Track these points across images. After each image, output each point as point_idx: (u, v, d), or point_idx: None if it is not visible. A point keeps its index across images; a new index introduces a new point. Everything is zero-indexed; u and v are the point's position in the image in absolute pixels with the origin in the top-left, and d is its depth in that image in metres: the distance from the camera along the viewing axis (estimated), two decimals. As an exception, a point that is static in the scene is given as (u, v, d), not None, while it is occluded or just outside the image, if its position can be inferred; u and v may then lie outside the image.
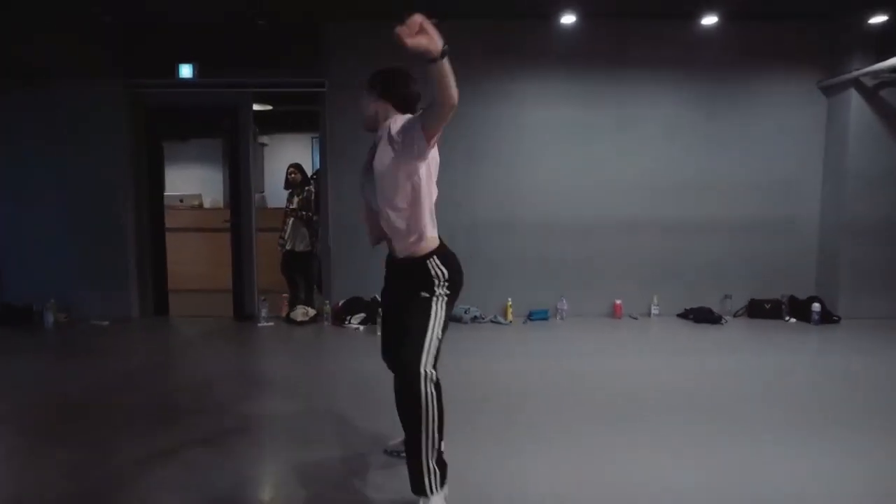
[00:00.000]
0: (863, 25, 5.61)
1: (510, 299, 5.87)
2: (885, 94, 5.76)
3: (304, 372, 4.39)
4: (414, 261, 2.31)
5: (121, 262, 5.94)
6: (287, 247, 6.36)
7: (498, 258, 5.97)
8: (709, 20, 5.64)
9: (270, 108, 8.03)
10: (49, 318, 5.63)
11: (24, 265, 5.89)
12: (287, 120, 9.21)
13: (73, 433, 3.16)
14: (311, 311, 5.88)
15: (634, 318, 6.02)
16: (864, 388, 3.97)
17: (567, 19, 5.63)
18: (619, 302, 6.04)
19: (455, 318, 5.54)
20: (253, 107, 6.17)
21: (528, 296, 5.98)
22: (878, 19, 5.48)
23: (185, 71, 5.79)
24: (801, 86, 6.04)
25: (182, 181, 9.23)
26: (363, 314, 5.67)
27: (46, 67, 5.73)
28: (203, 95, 5.98)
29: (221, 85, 5.89)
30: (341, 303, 5.83)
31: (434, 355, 2.19)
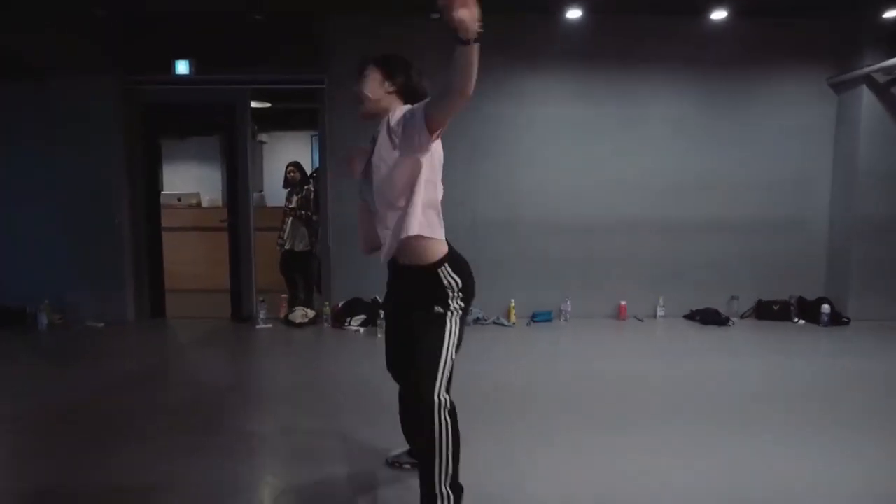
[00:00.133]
0: (874, 20, 5.48)
1: (513, 300, 5.76)
2: (898, 90, 5.65)
3: (304, 377, 4.29)
4: (422, 269, 2.09)
5: (117, 263, 5.82)
6: (286, 246, 6.27)
7: (500, 259, 5.85)
8: (717, 15, 5.51)
9: (269, 105, 7.92)
10: (43, 319, 5.51)
11: (18, 265, 5.76)
12: (286, 117, 9.11)
13: (66, 439, 3.08)
14: (311, 312, 5.77)
15: (640, 320, 5.91)
16: (870, 390, 3.90)
17: (572, 14, 5.50)
18: (623, 303, 5.93)
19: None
20: (251, 104, 6.06)
21: (532, 297, 5.87)
22: (892, 14, 5.35)
23: (182, 67, 5.68)
24: (810, 82, 5.93)
25: (180, 179, 9.16)
26: (363, 316, 5.56)
27: (40, 64, 5.60)
28: (200, 92, 5.86)
29: (219, 82, 5.78)
30: (341, 304, 5.72)
31: (448, 378, 2.05)
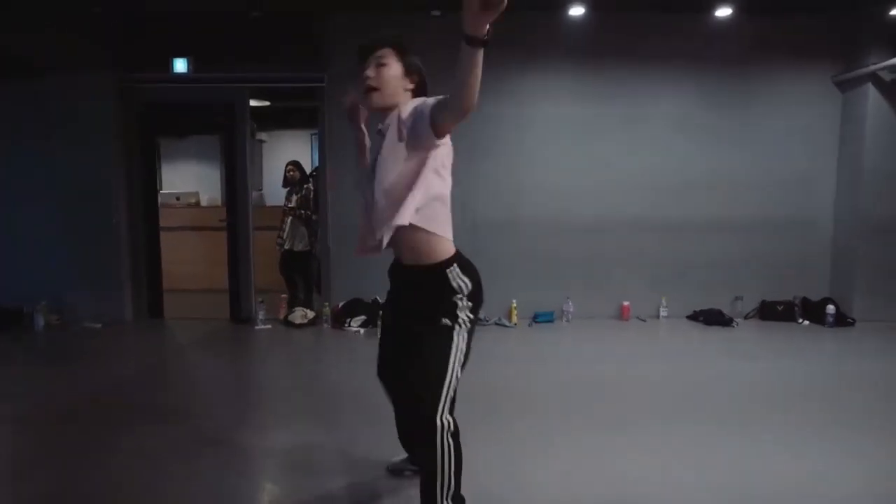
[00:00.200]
0: (880, 18, 5.42)
1: (515, 301, 5.70)
2: (904, 88, 5.59)
3: (304, 379, 4.23)
4: (428, 269, 1.96)
5: (114, 263, 5.77)
6: (285, 246, 6.21)
7: (502, 259, 5.78)
8: (722, 12, 5.45)
9: (268, 103, 7.87)
10: (40, 320, 5.45)
11: (15, 265, 5.69)
12: (285, 116, 9.05)
13: (64, 440, 3.04)
14: (310, 313, 5.72)
15: (642, 321, 5.85)
16: (876, 391, 3.86)
17: (575, 11, 5.43)
18: (626, 303, 5.88)
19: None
20: (250, 102, 6.01)
21: (533, 297, 5.80)
22: (897, 11, 5.29)
23: (180, 66, 5.61)
24: (814, 80, 5.86)
25: (179, 179, 9.11)
26: (364, 316, 5.50)
27: (38, 62, 5.53)
28: (199, 91, 5.80)
29: (218, 80, 5.71)
30: (341, 305, 5.66)
31: (452, 398, 1.96)
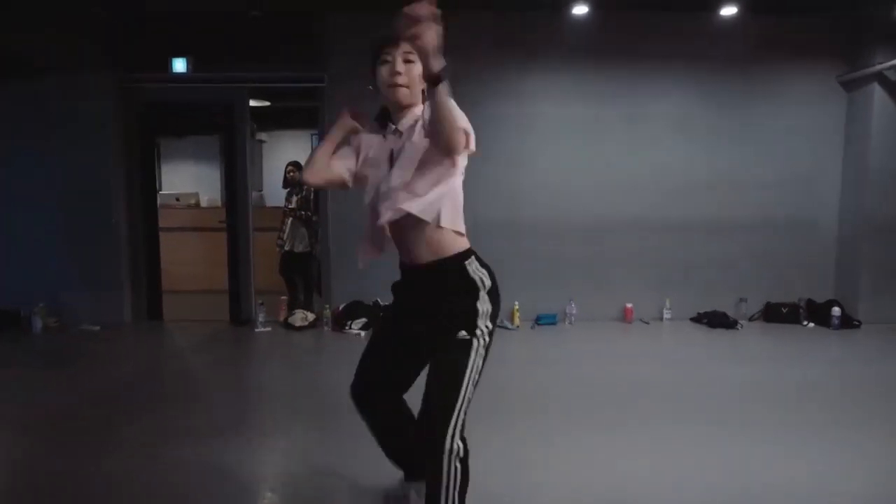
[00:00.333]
0: (885, 16, 5.36)
1: (517, 303, 5.65)
2: (911, 89, 5.52)
3: (304, 384, 4.18)
4: (445, 262, 1.86)
5: (113, 264, 5.71)
6: (285, 247, 6.17)
7: (504, 260, 5.54)
8: (727, 11, 5.39)
9: (268, 103, 7.83)
10: (38, 323, 5.39)
11: (13, 267, 5.64)
12: (285, 116, 9.00)
13: (62, 444, 3.01)
14: (311, 315, 5.66)
15: (646, 323, 5.80)
16: (879, 393, 3.82)
17: (579, 10, 5.38)
18: (629, 306, 5.82)
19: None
20: (250, 102, 5.98)
21: (536, 299, 5.75)
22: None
23: (179, 65, 5.56)
24: (819, 80, 5.81)
25: (178, 179, 9.06)
26: (364, 319, 5.44)
27: (38, 62, 5.47)
28: (198, 91, 5.76)
29: (217, 80, 5.66)
30: (341, 307, 5.61)
31: (464, 419, 1.80)
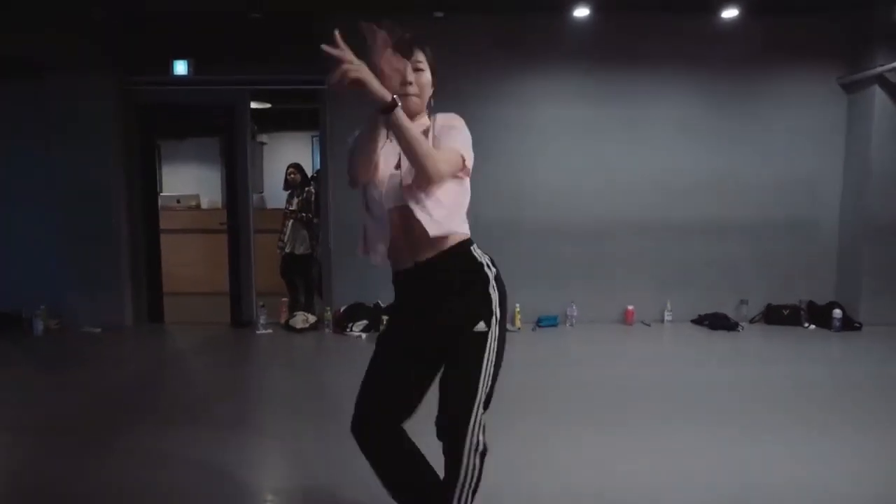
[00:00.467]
0: (886, 18, 5.36)
1: (518, 305, 5.64)
2: (912, 91, 5.52)
3: (305, 386, 4.19)
4: (450, 253, 1.86)
5: (114, 266, 5.71)
6: (286, 249, 6.18)
7: (505, 262, 5.52)
8: (729, 13, 5.39)
9: (269, 105, 7.83)
10: (39, 325, 5.39)
11: (14, 269, 5.65)
12: (286, 118, 9.00)
13: (62, 446, 3.02)
14: (312, 317, 5.66)
15: (647, 325, 5.80)
16: (880, 395, 3.82)
17: (580, 12, 5.38)
18: (630, 308, 5.82)
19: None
20: (251, 104, 5.97)
21: (537, 301, 5.74)
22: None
23: (181, 68, 5.57)
24: (819, 82, 5.80)
25: (179, 181, 9.06)
26: (365, 321, 5.44)
27: (38, 63, 5.47)
28: (199, 93, 5.76)
29: (218, 82, 5.67)
30: (342, 309, 5.61)
31: (483, 414, 1.76)
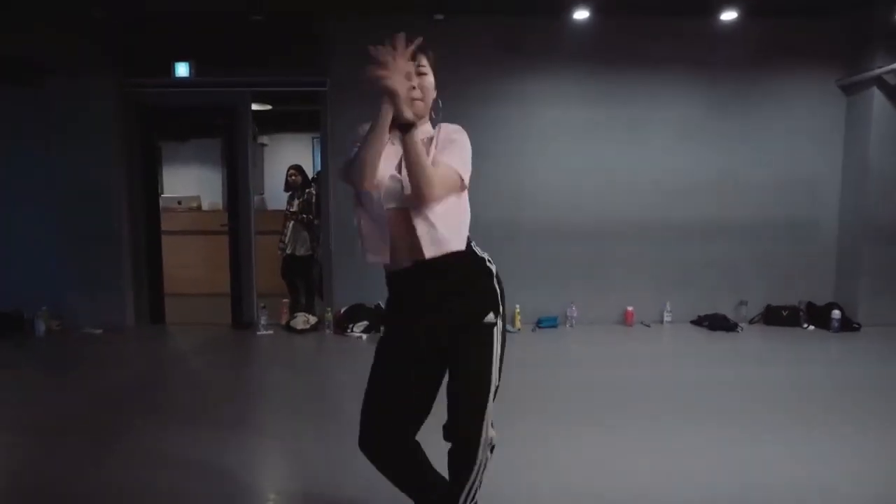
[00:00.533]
0: (885, 21, 5.38)
1: (518, 306, 5.66)
2: (911, 92, 5.54)
3: (306, 387, 4.21)
4: (460, 257, 1.86)
5: (116, 267, 5.72)
6: (287, 251, 6.19)
7: (505, 263, 5.55)
8: (728, 16, 5.41)
9: (270, 107, 7.85)
10: (41, 326, 5.41)
11: (15, 270, 5.65)
12: (286, 119, 9.02)
13: (64, 447, 3.03)
14: (312, 318, 5.68)
15: (646, 326, 5.82)
16: (878, 395, 3.84)
17: (579, 15, 5.40)
18: (630, 308, 5.84)
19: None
20: (252, 106, 5.99)
21: (537, 302, 5.76)
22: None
23: (182, 70, 5.58)
24: (819, 84, 5.83)
25: (180, 182, 9.08)
26: (366, 322, 5.46)
27: (40, 66, 5.49)
28: (200, 95, 5.78)
29: (219, 84, 5.68)
30: (343, 310, 5.62)
31: (492, 407, 1.77)
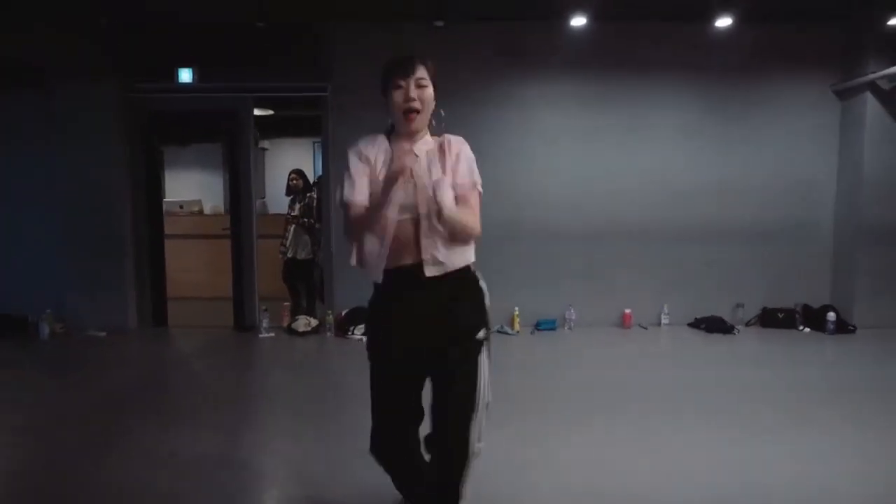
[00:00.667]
0: (878, 27, 5.44)
1: (517, 308, 5.72)
2: (903, 97, 5.62)
3: (306, 391, 4.26)
4: (458, 273, 1.86)
5: (119, 271, 5.79)
6: (288, 254, 6.24)
7: (504, 266, 5.76)
8: (722, 22, 5.48)
9: (271, 112, 7.91)
10: (45, 328, 5.47)
11: (19, 273, 5.72)
12: (288, 124, 9.08)
13: (67, 449, 3.07)
14: (314, 321, 5.74)
15: (644, 328, 5.87)
16: (875, 396, 3.89)
17: (577, 21, 5.48)
18: (628, 311, 5.89)
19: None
20: (254, 111, 6.05)
21: (536, 305, 5.82)
22: (896, 20, 5.32)
23: (185, 75, 5.65)
24: (814, 89, 5.91)
25: (182, 187, 9.13)
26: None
27: (42, 69, 5.57)
28: (203, 100, 5.85)
29: (221, 89, 5.75)
30: (344, 313, 5.68)
31: (485, 422, 1.84)
